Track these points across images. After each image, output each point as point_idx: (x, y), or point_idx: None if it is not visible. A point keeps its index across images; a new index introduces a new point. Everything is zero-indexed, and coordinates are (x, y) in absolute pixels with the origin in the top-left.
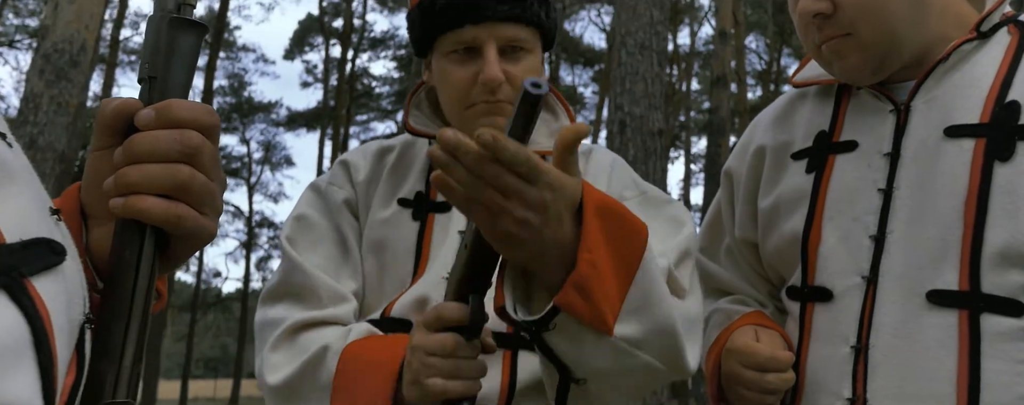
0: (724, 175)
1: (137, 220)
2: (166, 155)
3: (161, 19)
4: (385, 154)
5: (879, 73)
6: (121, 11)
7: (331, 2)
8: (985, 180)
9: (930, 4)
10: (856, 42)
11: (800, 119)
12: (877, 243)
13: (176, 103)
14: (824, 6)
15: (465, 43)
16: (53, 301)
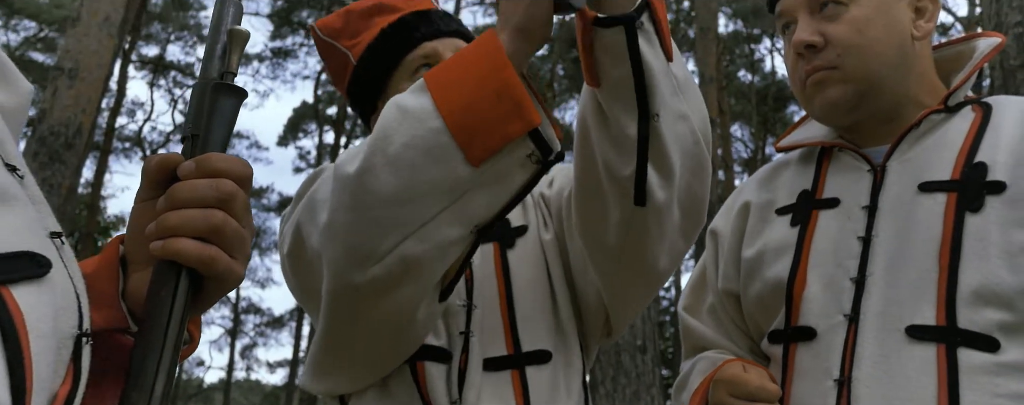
0: (709, 234)
1: (174, 261)
2: (203, 201)
3: (206, 84)
4: None
5: (854, 112)
6: (119, 99)
7: (326, 90)
8: (957, 228)
9: (912, 61)
10: (840, 75)
11: (784, 180)
12: (858, 285)
13: (215, 155)
14: (816, 39)
15: (426, 58)
16: (33, 308)
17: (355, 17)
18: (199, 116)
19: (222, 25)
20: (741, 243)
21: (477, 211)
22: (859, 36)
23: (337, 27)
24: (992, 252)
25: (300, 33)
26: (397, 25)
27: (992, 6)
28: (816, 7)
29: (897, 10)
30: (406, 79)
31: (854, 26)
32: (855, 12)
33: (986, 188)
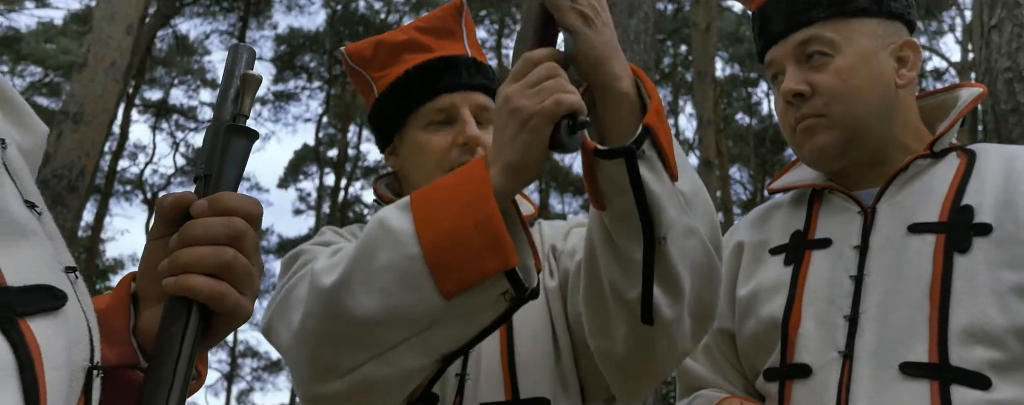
0: None
1: (185, 297)
2: (215, 238)
3: (218, 126)
4: None
5: (843, 157)
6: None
7: (327, 132)
8: (947, 268)
9: (896, 108)
10: (828, 123)
11: (777, 221)
12: (851, 323)
13: (227, 194)
14: (804, 88)
15: (443, 112)
16: (48, 339)
17: (385, 50)
18: (212, 157)
19: (236, 70)
20: (735, 282)
21: (443, 343)
22: (844, 85)
23: (366, 57)
24: (981, 291)
25: (302, 77)
26: (422, 69)
27: (982, 52)
28: (803, 57)
29: (880, 60)
30: (421, 127)
31: (839, 75)
32: (840, 62)
33: (973, 230)
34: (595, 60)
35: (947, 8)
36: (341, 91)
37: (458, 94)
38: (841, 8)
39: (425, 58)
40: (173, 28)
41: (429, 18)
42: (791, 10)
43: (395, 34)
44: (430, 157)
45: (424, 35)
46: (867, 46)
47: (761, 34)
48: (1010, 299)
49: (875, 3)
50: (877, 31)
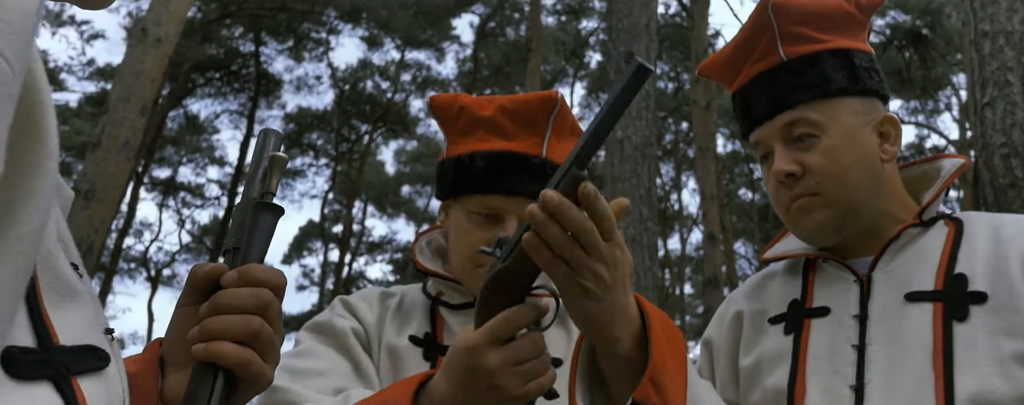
0: (703, 344)
1: (212, 363)
2: (244, 308)
3: (247, 203)
4: (387, 297)
5: (839, 232)
6: (128, 220)
7: (332, 209)
8: (947, 336)
9: (883, 182)
10: (822, 201)
11: (773, 291)
12: (857, 393)
13: (255, 266)
14: (794, 168)
15: (490, 210)
16: (94, 398)
17: (466, 118)
18: (241, 231)
19: (265, 152)
20: (737, 352)
21: None
22: (834, 164)
23: (448, 116)
24: (983, 359)
25: (309, 154)
26: (487, 159)
27: (978, 129)
28: (790, 138)
29: (863, 136)
30: (467, 212)
31: (828, 155)
32: (826, 142)
33: (969, 298)
34: (592, 325)
35: (943, 88)
36: (347, 167)
37: (511, 199)
38: (822, 89)
39: (496, 147)
40: (184, 108)
41: (520, 102)
42: (774, 93)
43: (482, 104)
44: (464, 246)
45: (507, 119)
46: (850, 124)
47: (745, 115)
48: (1012, 367)
49: (852, 82)
50: (857, 109)
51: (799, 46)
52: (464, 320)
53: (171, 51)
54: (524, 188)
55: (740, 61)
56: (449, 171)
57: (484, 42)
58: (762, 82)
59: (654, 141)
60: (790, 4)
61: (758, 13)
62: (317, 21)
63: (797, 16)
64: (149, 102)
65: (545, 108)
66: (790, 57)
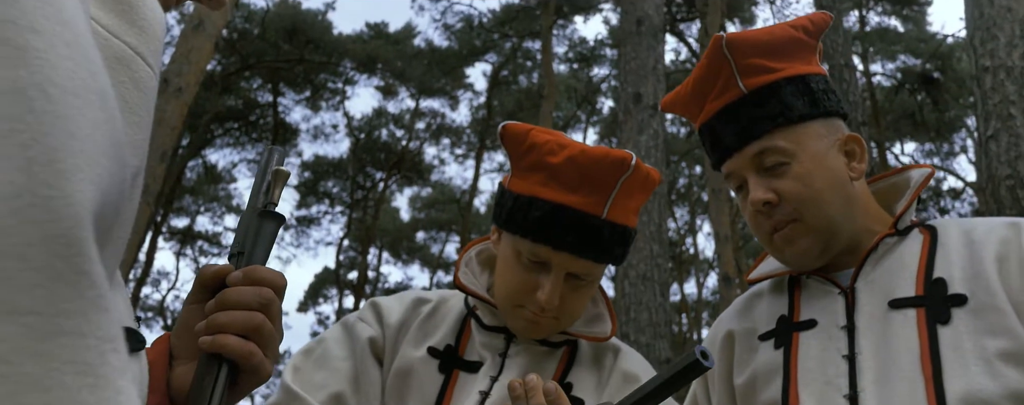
0: None
1: (217, 354)
2: (248, 304)
3: (252, 212)
4: (421, 304)
5: (824, 255)
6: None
7: (347, 256)
8: (932, 340)
9: (855, 200)
10: (803, 227)
11: (761, 310)
12: (851, 401)
13: (258, 267)
14: (771, 196)
15: (538, 257)
16: (135, 378)
17: (535, 157)
18: (246, 237)
19: (269, 167)
20: (731, 372)
21: None
22: (807, 189)
23: (519, 148)
24: (970, 360)
25: (325, 202)
26: (548, 209)
27: (982, 161)
28: (761, 167)
29: (831, 158)
30: (513, 250)
31: (801, 181)
32: (797, 168)
33: (950, 301)
34: None
35: (957, 130)
36: (362, 214)
37: (563, 255)
38: (785, 117)
39: (557, 199)
40: (203, 158)
41: (592, 159)
42: (739, 126)
43: (553, 149)
44: (509, 284)
45: (576, 171)
46: (817, 148)
47: (714, 148)
48: (998, 365)
49: (813, 106)
50: (821, 132)
51: (757, 77)
52: (490, 341)
53: (191, 100)
54: (575, 247)
55: (702, 97)
56: (508, 203)
57: (497, 90)
58: (727, 115)
59: (664, 179)
60: (743, 38)
61: (713, 50)
62: (333, 72)
63: (751, 49)
64: (169, 149)
65: (616, 170)
66: (750, 89)
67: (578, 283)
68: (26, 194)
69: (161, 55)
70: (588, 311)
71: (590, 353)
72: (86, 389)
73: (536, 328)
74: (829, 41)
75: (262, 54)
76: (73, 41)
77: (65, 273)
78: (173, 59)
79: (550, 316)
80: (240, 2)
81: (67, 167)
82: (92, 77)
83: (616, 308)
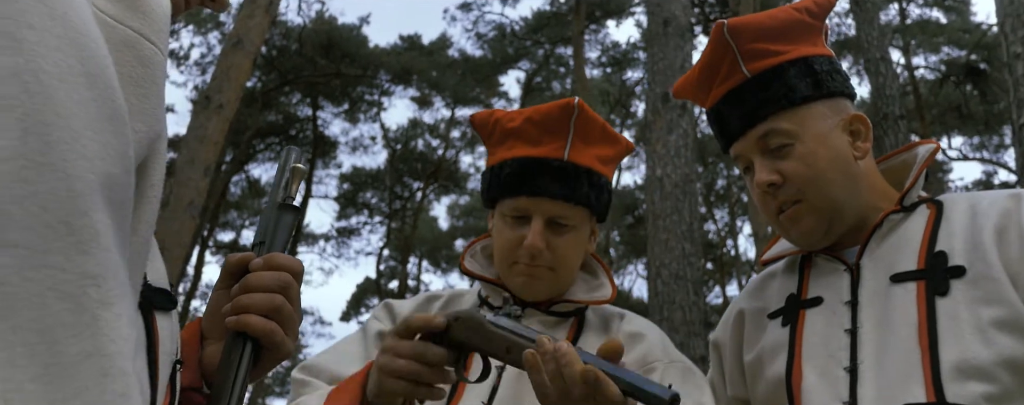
0: (712, 346)
1: (243, 332)
2: (268, 287)
3: (272, 206)
4: (432, 299)
5: (829, 234)
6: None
7: (388, 265)
8: (930, 311)
9: (860, 179)
10: (807, 207)
11: (773, 289)
12: (852, 374)
13: (278, 255)
14: (775, 177)
15: (518, 211)
16: (164, 331)
17: (499, 131)
18: (266, 228)
19: (287, 164)
20: (742, 349)
21: None
22: (810, 169)
23: (485, 131)
24: (965, 329)
25: (364, 213)
26: (516, 166)
27: (1019, 148)
28: (767, 149)
29: (834, 138)
30: (502, 216)
31: (804, 161)
32: (801, 149)
33: (949, 273)
34: None
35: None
36: (401, 224)
37: (535, 201)
38: (788, 100)
39: (523, 153)
40: (246, 173)
41: (543, 111)
42: (744, 109)
43: (512, 116)
44: (500, 245)
45: (532, 127)
46: (821, 128)
47: (722, 132)
48: (992, 333)
49: (816, 88)
50: (825, 113)
51: (760, 61)
52: None
53: (231, 116)
54: (546, 189)
55: (708, 82)
56: (487, 179)
57: (531, 96)
58: (732, 99)
59: (695, 177)
60: (745, 23)
61: (716, 36)
62: (370, 84)
63: (753, 33)
64: (212, 164)
65: (565, 114)
66: (753, 73)
67: (561, 229)
68: (20, 158)
69: (167, 35)
70: (590, 282)
71: (597, 321)
72: (66, 312)
73: (534, 282)
74: (863, 35)
75: (300, 70)
76: (63, 34)
77: (50, 221)
78: (214, 77)
79: (544, 266)
80: (278, 20)
81: (54, 138)
82: (81, 63)
83: (649, 308)
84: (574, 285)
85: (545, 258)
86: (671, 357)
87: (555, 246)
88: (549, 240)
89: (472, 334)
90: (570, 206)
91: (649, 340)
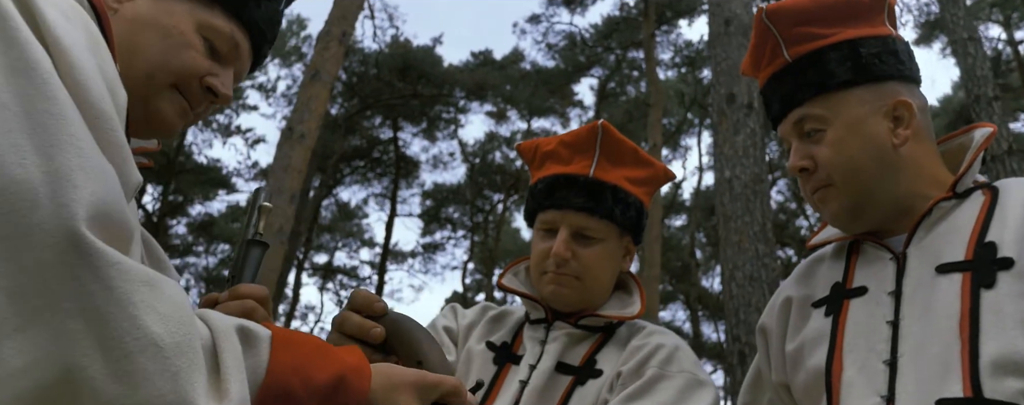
0: (759, 331)
1: None
2: (233, 314)
3: (242, 242)
4: (488, 310)
5: (857, 219)
6: (293, 304)
7: (474, 278)
8: (974, 303)
9: (899, 166)
10: (834, 192)
11: (820, 276)
12: (891, 367)
13: (241, 285)
14: (804, 163)
15: (548, 224)
16: None
17: (539, 154)
18: (236, 263)
19: (256, 203)
20: (785, 337)
21: None
22: (839, 155)
23: (528, 156)
24: (1008, 323)
25: (447, 227)
26: (547, 182)
27: None
28: (802, 133)
29: (872, 125)
30: (536, 230)
31: (834, 147)
32: (831, 135)
33: (997, 265)
34: None
35: None
36: (484, 237)
37: (560, 213)
38: (824, 85)
39: (554, 171)
40: (335, 197)
41: (573, 133)
42: (783, 93)
43: (550, 142)
44: (534, 258)
45: (565, 148)
46: (855, 115)
47: (768, 114)
48: None
49: (858, 73)
50: (864, 98)
51: (802, 46)
52: (533, 333)
53: (313, 144)
54: (571, 202)
55: (756, 65)
56: (527, 198)
57: (605, 103)
58: (774, 83)
59: (766, 177)
60: (785, 8)
61: (758, 22)
62: (446, 102)
63: (792, 18)
64: (297, 191)
65: (591, 135)
66: (794, 57)
67: (588, 241)
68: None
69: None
70: (624, 300)
71: (625, 335)
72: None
73: (561, 290)
74: (948, 15)
75: (379, 94)
76: None
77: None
78: (295, 108)
79: (570, 275)
80: (355, 48)
81: None
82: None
83: (725, 312)
84: (608, 303)
85: (571, 267)
86: (681, 368)
87: (581, 256)
88: (575, 250)
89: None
90: (594, 218)
91: (654, 351)
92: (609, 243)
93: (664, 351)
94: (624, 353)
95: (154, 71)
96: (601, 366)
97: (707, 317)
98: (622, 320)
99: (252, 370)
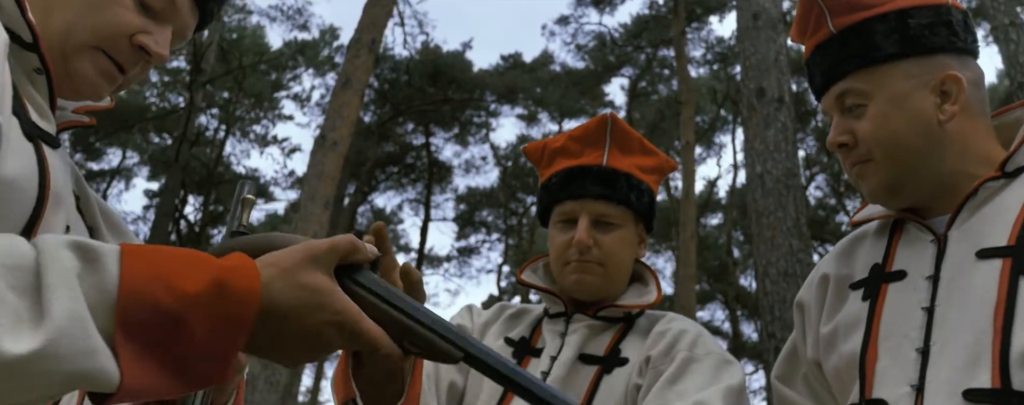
0: (796, 307)
1: None
2: None
3: (227, 233)
4: (505, 308)
5: (896, 196)
6: None
7: (510, 281)
8: (1012, 292)
9: (945, 143)
10: (874, 167)
11: (860, 254)
12: (923, 355)
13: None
14: (845, 138)
15: (566, 215)
16: (53, 164)
17: (548, 152)
18: (218, 255)
19: (239, 196)
20: (821, 315)
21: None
22: (881, 130)
23: (536, 157)
24: None
25: (482, 231)
26: (561, 175)
27: None
28: (843, 108)
29: (916, 99)
30: (553, 224)
31: (875, 122)
32: (873, 109)
33: None
34: None
35: None
36: (518, 240)
37: (579, 202)
38: (868, 58)
39: (567, 165)
40: (370, 203)
41: (582, 127)
42: (825, 66)
43: (557, 139)
44: (554, 252)
45: (575, 143)
46: (899, 89)
47: (811, 86)
48: None
49: (905, 45)
50: (910, 72)
51: (848, 16)
52: (553, 327)
53: (345, 151)
54: (589, 191)
55: (801, 35)
56: (540, 197)
57: (637, 102)
58: (818, 55)
59: (798, 172)
60: None
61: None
62: (477, 106)
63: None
64: (331, 198)
65: (601, 126)
66: (838, 28)
67: (607, 228)
68: None
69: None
70: (640, 290)
71: (645, 325)
72: None
73: (586, 278)
74: (988, 1)
75: (411, 100)
76: None
77: None
78: (327, 116)
79: (594, 261)
80: (386, 55)
81: None
82: None
83: (760, 309)
84: (626, 293)
85: (594, 254)
86: (707, 350)
87: (602, 243)
88: (596, 237)
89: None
90: (612, 205)
91: (680, 336)
92: (627, 229)
93: (689, 335)
94: (648, 339)
95: (71, 29)
96: (626, 354)
97: (746, 316)
98: (641, 309)
99: (96, 286)
